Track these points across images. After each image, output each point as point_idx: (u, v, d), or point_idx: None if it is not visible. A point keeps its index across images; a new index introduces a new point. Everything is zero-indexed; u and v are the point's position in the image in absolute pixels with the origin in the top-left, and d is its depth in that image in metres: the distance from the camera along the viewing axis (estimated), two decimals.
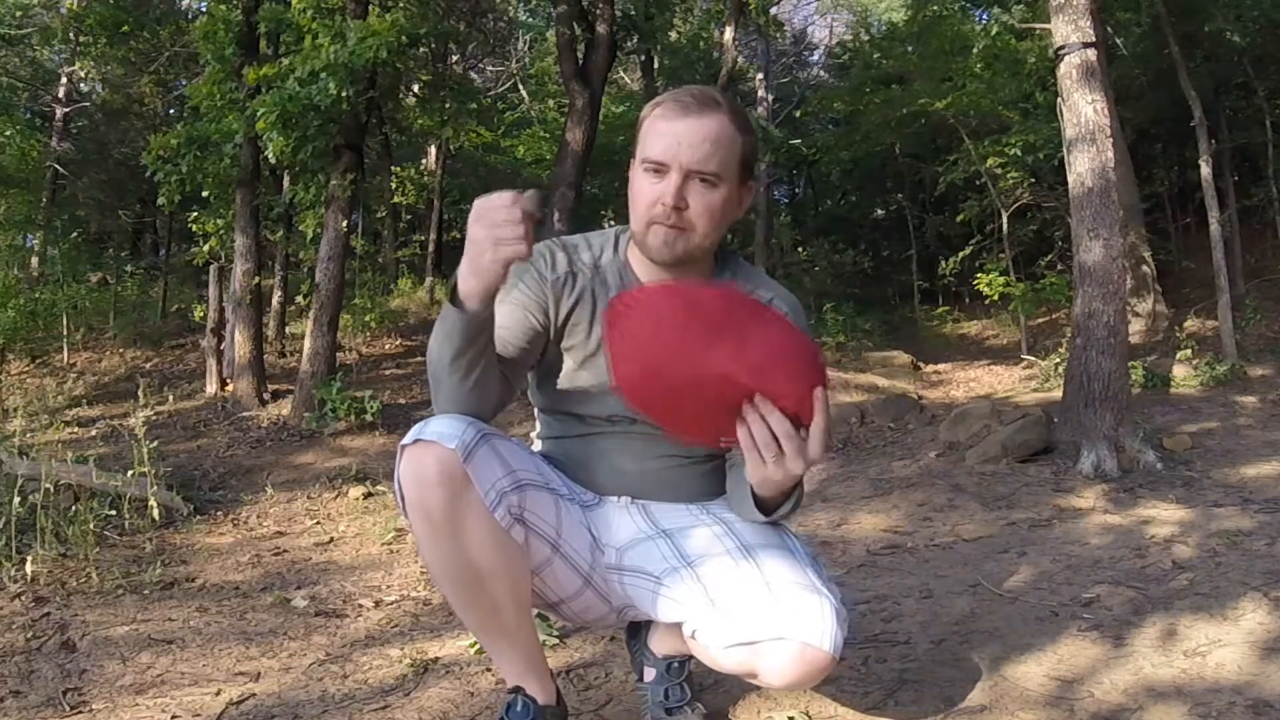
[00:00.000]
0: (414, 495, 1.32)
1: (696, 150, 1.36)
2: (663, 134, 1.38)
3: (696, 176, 1.37)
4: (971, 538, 3.26)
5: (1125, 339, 4.84)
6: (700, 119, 1.37)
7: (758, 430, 1.22)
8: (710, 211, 1.39)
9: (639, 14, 9.42)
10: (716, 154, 1.37)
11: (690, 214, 1.38)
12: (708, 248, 1.44)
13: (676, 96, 1.41)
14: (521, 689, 1.46)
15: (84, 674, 2.15)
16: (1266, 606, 2.15)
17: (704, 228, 1.40)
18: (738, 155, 1.41)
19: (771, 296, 1.52)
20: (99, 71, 13.37)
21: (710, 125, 1.37)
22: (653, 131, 1.40)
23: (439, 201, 13.83)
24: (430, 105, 9.35)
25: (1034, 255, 11.65)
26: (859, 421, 6.64)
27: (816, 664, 1.30)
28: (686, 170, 1.37)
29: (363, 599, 2.88)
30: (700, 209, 1.39)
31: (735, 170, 1.41)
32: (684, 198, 1.37)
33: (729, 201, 1.42)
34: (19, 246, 11.35)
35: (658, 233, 1.40)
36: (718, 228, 1.42)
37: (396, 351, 10.28)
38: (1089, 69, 4.78)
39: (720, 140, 1.38)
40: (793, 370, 1.22)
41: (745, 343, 1.20)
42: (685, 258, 1.42)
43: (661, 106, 1.41)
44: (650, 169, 1.39)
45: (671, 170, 1.37)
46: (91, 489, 3.86)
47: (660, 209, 1.38)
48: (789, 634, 1.29)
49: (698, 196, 1.38)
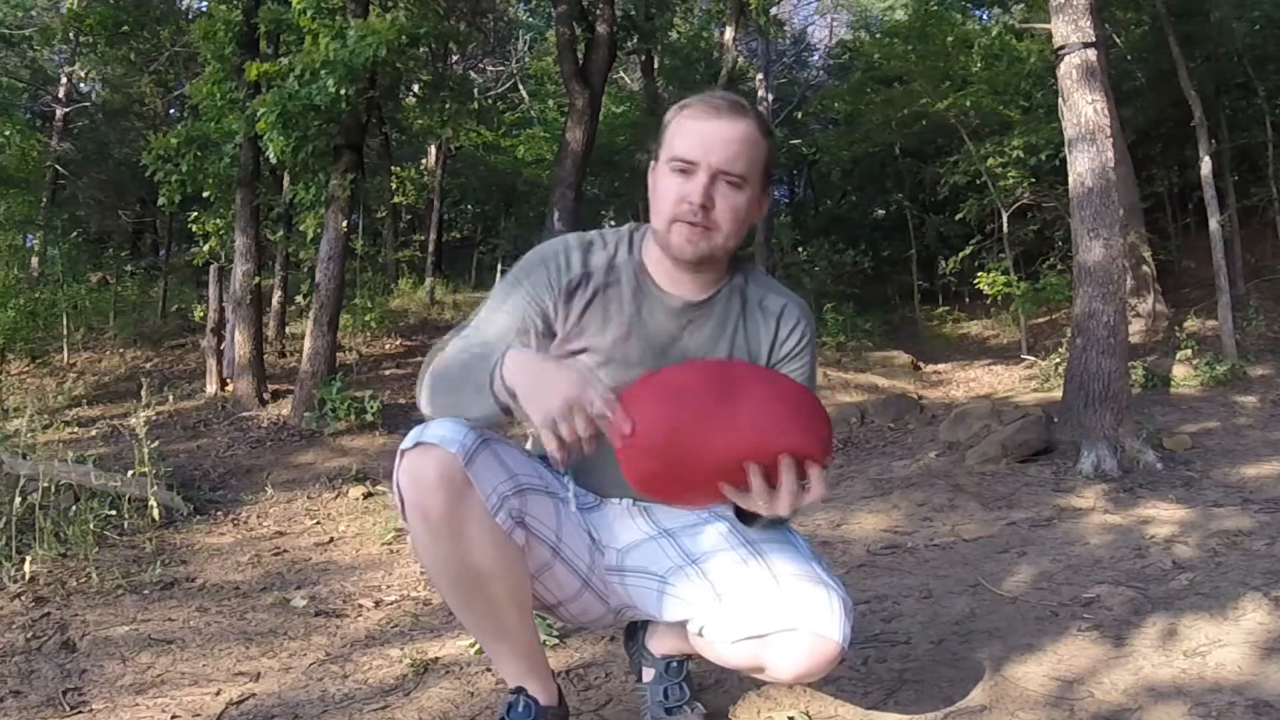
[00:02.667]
0: (413, 499, 1.32)
1: (726, 150, 1.37)
2: (692, 133, 1.39)
3: (724, 177, 1.38)
4: (971, 538, 3.26)
5: (1125, 339, 4.84)
6: (731, 121, 1.38)
7: (756, 484, 1.24)
8: (735, 213, 1.40)
9: (639, 14, 9.43)
10: (744, 156, 1.38)
11: (716, 214, 1.39)
12: (729, 249, 1.45)
13: (705, 99, 1.42)
14: (523, 689, 1.46)
15: (84, 674, 2.15)
16: (1266, 606, 2.15)
17: (728, 228, 1.40)
18: (762, 160, 1.41)
19: (785, 303, 1.52)
20: (99, 71, 13.39)
21: (740, 127, 1.38)
22: (681, 131, 1.40)
23: (439, 201, 13.83)
24: (430, 105, 9.35)
25: (1034, 255, 11.65)
26: (859, 421, 6.64)
27: (826, 655, 1.31)
28: (715, 170, 1.37)
29: (363, 599, 2.88)
30: (726, 209, 1.39)
31: (759, 175, 1.42)
32: (711, 197, 1.38)
33: (751, 205, 1.42)
34: (19, 246, 11.34)
35: (681, 230, 1.40)
36: (740, 230, 1.43)
37: (396, 351, 10.28)
38: (1089, 69, 4.78)
39: (748, 143, 1.39)
40: (788, 423, 1.24)
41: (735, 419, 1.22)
42: (707, 257, 1.42)
43: (691, 108, 1.42)
44: (678, 168, 1.39)
45: (700, 169, 1.37)
46: (91, 489, 3.86)
47: (686, 206, 1.38)
48: (799, 625, 1.30)
49: (724, 197, 1.38)
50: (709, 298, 1.49)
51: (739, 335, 1.50)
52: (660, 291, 1.48)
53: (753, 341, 1.51)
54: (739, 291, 1.52)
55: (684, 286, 1.48)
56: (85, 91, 14.52)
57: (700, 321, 1.49)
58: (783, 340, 1.51)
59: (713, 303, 1.50)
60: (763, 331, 1.51)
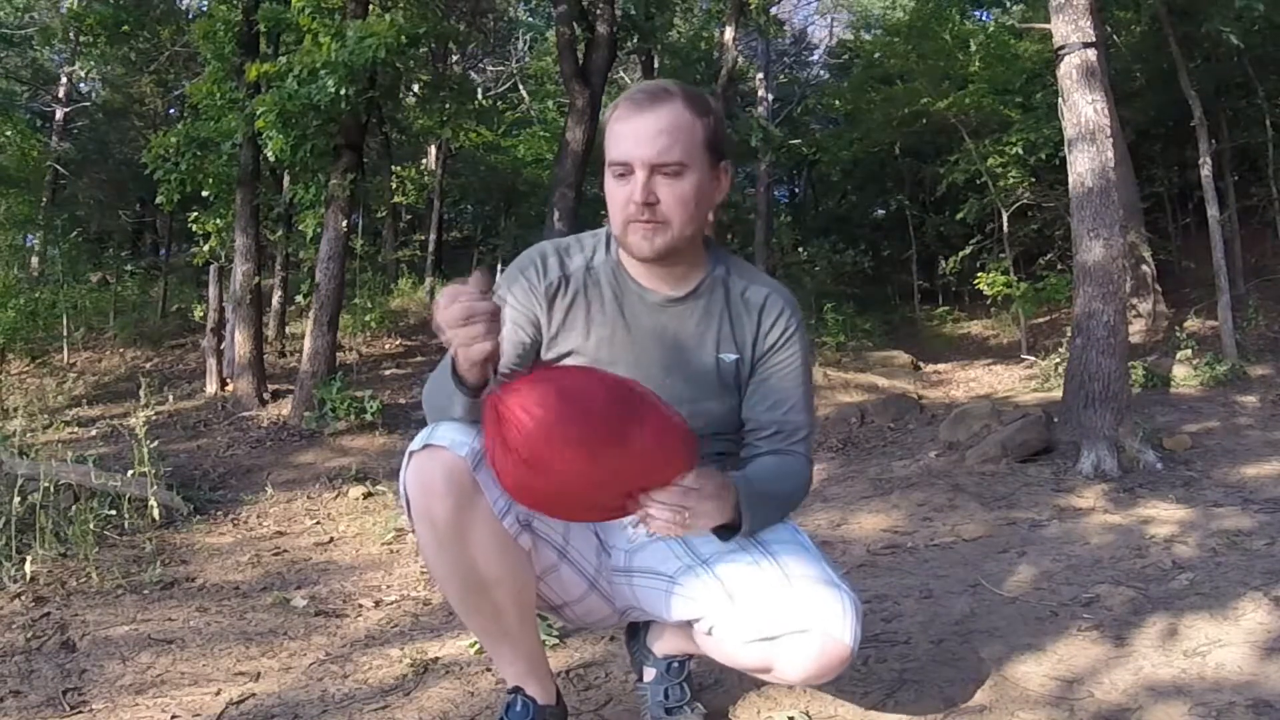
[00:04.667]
0: (420, 503, 1.31)
1: (655, 144, 1.35)
2: (620, 135, 1.38)
3: (660, 170, 1.36)
4: (971, 538, 3.26)
5: (1125, 339, 4.84)
6: (653, 112, 1.36)
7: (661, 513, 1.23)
8: (683, 201, 1.38)
9: (639, 14, 9.42)
10: (676, 144, 1.36)
11: (663, 208, 1.37)
12: (690, 236, 1.43)
13: (630, 96, 1.40)
14: (521, 689, 1.46)
15: (84, 674, 2.15)
16: (1266, 606, 2.15)
17: (680, 218, 1.39)
18: (700, 140, 1.39)
19: (768, 293, 1.51)
20: (99, 71, 13.39)
21: (664, 117, 1.36)
22: (612, 135, 1.40)
23: (439, 201, 13.83)
24: (430, 105, 9.36)
25: (1034, 255, 11.65)
26: (859, 421, 6.64)
27: (836, 656, 1.31)
28: (649, 165, 1.36)
29: (363, 599, 2.88)
30: (672, 200, 1.38)
31: (701, 155, 1.39)
32: (653, 193, 1.36)
33: (701, 188, 1.40)
34: (19, 246, 11.35)
35: (635, 230, 1.39)
36: (694, 216, 1.41)
37: (396, 351, 10.28)
38: (1089, 69, 4.78)
39: (677, 129, 1.36)
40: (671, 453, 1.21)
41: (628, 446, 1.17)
42: (668, 251, 1.41)
43: (618, 109, 1.40)
44: (616, 172, 1.39)
45: (635, 169, 1.36)
46: (91, 489, 3.86)
47: (633, 208, 1.37)
48: (811, 626, 1.30)
49: (666, 189, 1.37)
50: (690, 292, 1.49)
51: (724, 328, 1.49)
52: (641, 288, 1.48)
53: (738, 334, 1.50)
54: (721, 283, 1.51)
55: (662, 282, 1.48)
56: (85, 91, 14.52)
57: (684, 316, 1.49)
58: (766, 332, 1.50)
59: (695, 296, 1.49)
60: (746, 324, 1.50)
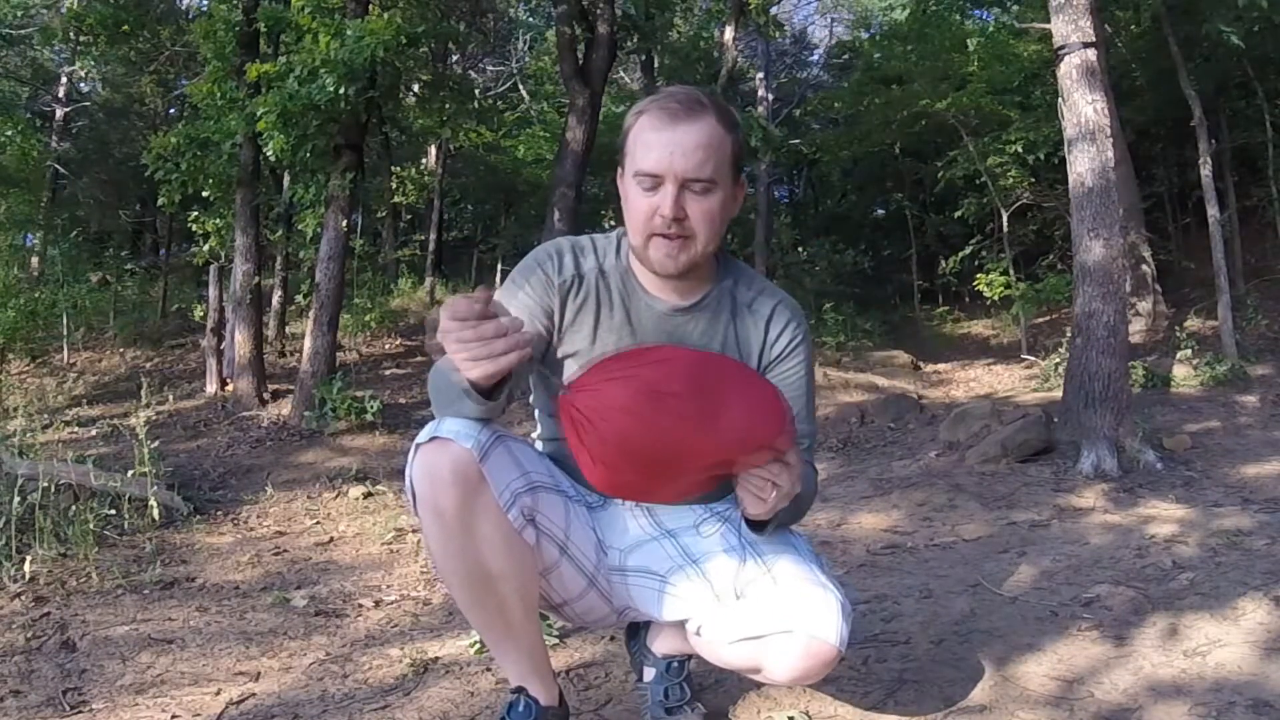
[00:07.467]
0: (426, 494, 1.31)
1: (690, 158, 1.32)
2: (653, 145, 1.34)
3: (692, 184, 1.34)
4: (971, 538, 3.26)
5: (1125, 339, 4.84)
6: (690, 125, 1.33)
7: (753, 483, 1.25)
8: (710, 217, 1.37)
9: (639, 14, 9.42)
10: (710, 159, 1.34)
11: (690, 222, 1.35)
12: (711, 253, 1.42)
13: (661, 103, 1.36)
14: (524, 689, 1.46)
15: (84, 674, 2.15)
16: (1267, 606, 2.15)
17: (705, 234, 1.37)
18: (729, 156, 1.37)
19: (775, 304, 1.51)
20: (99, 71, 13.39)
21: (702, 131, 1.33)
22: (641, 142, 1.35)
23: (439, 201, 13.83)
24: (430, 105, 9.35)
25: (1034, 255, 11.64)
26: (859, 421, 6.64)
27: (822, 657, 1.31)
28: (681, 179, 1.33)
29: (363, 599, 2.88)
30: (699, 216, 1.36)
31: (729, 172, 1.38)
32: (682, 207, 1.34)
33: (726, 204, 1.39)
34: (19, 246, 11.35)
35: (659, 245, 1.37)
36: (718, 232, 1.40)
37: (396, 351, 10.28)
38: (1089, 69, 4.78)
39: (712, 144, 1.34)
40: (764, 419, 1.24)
41: (717, 420, 1.21)
42: (690, 268, 1.40)
43: (647, 115, 1.36)
44: (645, 184, 1.35)
45: (666, 181, 1.33)
46: (91, 489, 3.85)
47: (659, 220, 1.35)
48: (796, 627, 1.30)
49: (695, 204, 1.35)
50: (698, 301, 1.48)
51: (730, 337, 1.49)
52: (649, 296, 1.47)
53: (744, 344, 1.50)
54: (729, 294, 1.50)
55: (672, 291, 1.47)
56: (85, 91, 14.52)
57: (691, 325, 1.48)
58: (773, 342, 1.50)
59: (702, 306, 1.48)
60: (753, 334, 1.50)
